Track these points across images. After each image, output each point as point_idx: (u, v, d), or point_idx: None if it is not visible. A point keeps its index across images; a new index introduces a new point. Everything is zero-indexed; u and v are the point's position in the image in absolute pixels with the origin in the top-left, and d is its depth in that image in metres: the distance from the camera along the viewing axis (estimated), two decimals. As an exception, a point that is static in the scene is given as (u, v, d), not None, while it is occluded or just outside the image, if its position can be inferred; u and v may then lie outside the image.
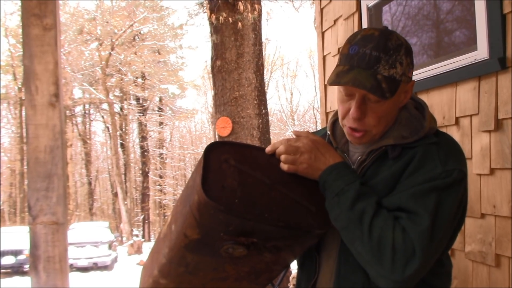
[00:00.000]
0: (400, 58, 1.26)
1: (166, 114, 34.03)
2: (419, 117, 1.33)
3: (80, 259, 15.52)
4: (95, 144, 38.86)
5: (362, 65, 1.24)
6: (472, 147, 2.19)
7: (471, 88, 2.19)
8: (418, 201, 1.17)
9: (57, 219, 1.80)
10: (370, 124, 1.29)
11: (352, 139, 1.34)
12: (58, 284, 1.81)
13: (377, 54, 1.24)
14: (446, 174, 1.21)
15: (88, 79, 28.86)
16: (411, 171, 1.23)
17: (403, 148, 1.29)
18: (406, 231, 1.14)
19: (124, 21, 25.75)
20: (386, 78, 1.23)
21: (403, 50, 1.27)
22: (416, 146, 1.28)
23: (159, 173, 35.50)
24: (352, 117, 1.28)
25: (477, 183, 2.16)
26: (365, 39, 1.27)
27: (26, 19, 1.88)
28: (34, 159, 1.82)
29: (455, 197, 1.22)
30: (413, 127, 1.31)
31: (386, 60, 1.24)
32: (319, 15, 3.98)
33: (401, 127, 1.32)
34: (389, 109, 1.29)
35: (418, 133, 1.30)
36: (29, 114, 1.85)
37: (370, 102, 1.27)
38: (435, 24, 2.71)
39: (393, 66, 1.24)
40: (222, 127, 7.13)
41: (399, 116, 1.35)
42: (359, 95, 1.26)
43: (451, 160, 1.24)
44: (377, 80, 1.22)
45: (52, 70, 1.87)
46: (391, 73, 1.24)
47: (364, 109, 1.27)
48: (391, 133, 1.32)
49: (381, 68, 1.23)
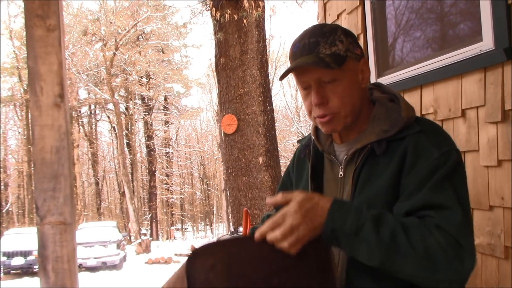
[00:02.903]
0: (339, 37, 1.30)
1: (171, 113, 34.11)
2: (396, 109, 1.33)
3: (89, 259, 15.60)
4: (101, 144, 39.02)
5: (304, 52, 1.28)
6: (479, 139, 2.18)
7: (477, 80, 2.18)
8: (439, 195, 1.16)
9: (65, 219, 1.80)
10: (335, 106, 1.29)
11: (325, 127, 1.33)
12: (67, 284, 1.82)
13: (314, 39, 1.28)
14: (445, 158, 1.20)
15: (93, 80, 28.97)
16: (410, 166, 1.22)
17: (389, 142, 1.28)
18: (443, 229, 1.11)
19: (127, 21, 25.79)
20: (328, 55, 1.26)
21: (339, 31, 1.31)
22: (401, 138, 1.27)
23: (166, 172, 35.60)
24: (315, 104, 1.30)
25: (484, 175, 2.15)
26: (302, 35, 1.33)
27: (29, 20, 1.88)
28: (41, 160, 1.82)
29: (463, 178, 1.24)
30: (393, 120, 1.31)
31: (325, 41, 1.28)
32: (322, 10, 3.97)
33: (380, 122, 1.32)
34: (349, 88, 1.30)
35: (398, 124, 1.29)
36: (35, 115, 1.85)
37: (326, 84, 1.28)
38: (439, 16, 2.70)
39: (333, 45, 1.28)
40: (227, 124, 7.13)
41: (376, 112, 1.35)
42: (313, 82, 1.29)
43: (443, 142, 1.25)
44: (319, 57, 1.26)
45: (57, 71, 1.87)
46: (333, 51, 1.27)
47: (323, 93, 1.29)
48: (371, 130, 1.32)
49: (322, 49, 1.27)
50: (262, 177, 6.94)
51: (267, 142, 7.08)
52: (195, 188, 42.24)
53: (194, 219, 43.30)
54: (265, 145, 7.06)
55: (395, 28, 3.09)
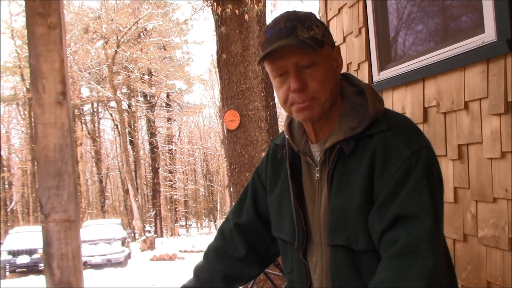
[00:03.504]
0: (315, 22, 1.27)
1: (174, 109, 34.13)
2: (363, 104, 1.29)
3: (94, 257, 15.66)
4: (104, 142, 39.09)
5: (282, 36, 1.24)
6: (482, 131, 2.17)
7: (480, 72, 2.17)
8: (412, 205, 1.14)
9: (69, 217, 1.81)
10: (315, 90, 1.24)
11: (303, 114, 1.28)
12: (72, 281, 1.82)
13: (291, 23, 1.24)
14: (416, 157, 1.17)
15: (95, 78, 28.99)
16: (381, 168, 1.19)
17: (358, 139, 1.25)
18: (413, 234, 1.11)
19: (128, 18, 25.78)
20: (308, 38, 1.23)
21: (314, 17, 1.29)
22: (370, 135, 1.24)
23: (169, 169, 35.66)
24: (294, 90, 1.24)
25: (488, 167, 2.15)
26: (275, 20, 1.28)
27: (30, 18, 1.88)
28: (44, 158, 1.83)
29: (437, 176, 1.21)
30: (360, 116, 1.27)
31: (302, 25, 1.24)
32: (324, 4, 3.96)
33: (348, 118, 1.28)
34: (326, 73, 1.26)
35: (366, 120, 1.25)
36: (37, 113, 1.85)
37: (304, 69, 1.24)
38: (441, 9, 2.68)
39: (310, 29, 1.25)
40: (230, 120, 7.13)
41: (343, 109, 1.30)
42: (292, 66, 1.24)
43: (413, 139, 1.21)
44: (300, 40, 1.22)
45: (59, 69, 1.88)
46: (311, 34, 1.24)
47: (302, 78, 1.24)
48: (339, 127, 1.28)
49: (300, 32, 1.23)
50: (265, 173, 6.95)
51: (269, 138, 7.08)
52: (199, 184, 42.29)
53: (198, 215, 43.38)
54: (268, 140, 7.06)
55: (397, 21, 3.08)
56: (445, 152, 2.42)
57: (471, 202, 2.25)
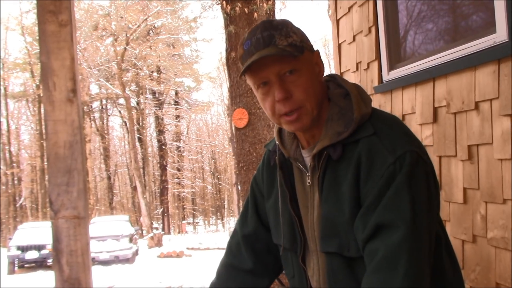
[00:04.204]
0: (291, 29, 1.24)
1: (182, 107, 34.19)
2: (349, 107, 1.26)
3: (101, 253, 15.74)
4: (113, 139, 39.28)
5: (260, 47, 1.21)
6: (492, 132, 2.16)
7: (491, 72, 2.15)
8: (391, 213, 1.12)
9: (78, 213, 1.82)
10: (300, 99, 1.22)
11: (294, 125, 1.26)
12: (81, 277, 1.83)
13: (268, 33, 1.22)
14: (400, 163, 1.14)
15: (104, 75, 29.11)
16: (366, 174, 1.17)
17: (345, 145, 1.23)
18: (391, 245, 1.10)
19: (138, 16, 25.86)
20: (287, 45, 1.21)
21: (290, 24, 1.27)
22: (356, 140, 1.21)
23: (177, 166, 35.75)
24: (279, 99, 1.22)
25: (498, 168, 2.13)
26: (251, 32, 1.26)
27: (41, 16, 1.89)
28: (54, 155, 1.83)
29: (421, 181, 1.17)
30: (347, 120, 1.24)
31: (279, 34, 1.22)
32: (334, 3, 3.94)
33: (334, 123, 1.26)
34: (309, 80, 1.24)
35: (352, 125, 1.22)
36: (48, 110, 1.86)
37: (287, 78, 1.22)
38: (451, 8, 2.67)
39: (288, 36, 1.22)
40: (238, 118, 7.13)
41: (330, 113, 1.28)
42: (274, 76, 1.22)
43: (398, 144, 1.18)
44: (279, 48, 1.20)
45: (69, 66, 1.88)
46: (289, 42, 1.21)
47: (286, 87, 1.22)
48: (325, 133, 1.25)
49: (278, 41, 1.21)
50: (273, 171, 6.95)
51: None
52: (206, 182, 42.38)
53: (206, 213, 43.48)
54: (276, 139, 7.06)
55: (407, 20, 3.06)
56: (455, 152, 2.40)
57: (481, 203, 2.24)
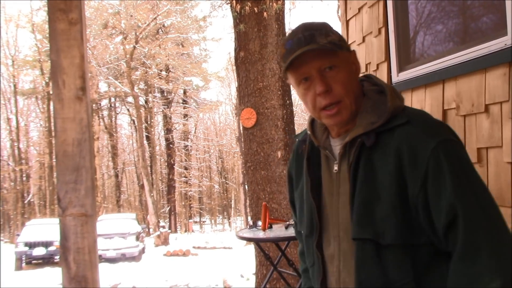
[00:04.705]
0: (330, 30, 1.33)
1: (190, 106, 34.24)
2: (383, 101, 1.33)
3: (108, 250, 15.78)
4: (121, 137, 39.40)
5: (302, 44, 1.29)
6: (502, 135, 2.14)
7: (501, 74, 2.14)
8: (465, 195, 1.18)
9: (86, 211, 1.82)
10: (340, 93, 1.30)
11: (334, 119, 1.33)
12: (88, 275, 1.84)
13: (309, 33, 1.30)
14: (442, 146, 1.21)
15: (113, 73, 29.21)
16: (409, 162, 1.22)
17: (378, 134, 1.28)
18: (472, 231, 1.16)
19: (147, 14, 25.91)
20: (327, 43, 1.29)
21: (329, 26, 1.35)
22: (390, 129, 1.27)
23: (184, 165, 35.80)
24: (319, 93, 1.30)
25: (507, 172, 2.12)
26: (292, 33, 1.34)
27: (52, 14, 1.90)
28: (63, 152, 1.84)
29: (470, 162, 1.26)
30: (380, 111, 1.31)
31: (319, 33, 1.30)
32: (343, 3, 3.93)
33: (368, 114, 1.32)
34: (347, 76, 1.32)
35: (385, 114, 1.29)
36: (57, 108, 1.87)
37: (327, 73, 1.30)
38: (462, 9, 2.65)
39: (328, 35, 1.31)
40: (246, 118, 7.13)
41: (364, 106, 1.35)
42: (315, 71, 1.30)
43: (434, 130, 1.25)
44: (321, 45, 1.28)
45: (79, 64, 1.89)
46: (329, 40, 1.30)
47: (326, 81, 1.29)
48: (359, 123, 1.32)
49: (318, 39, 1.29)
50: (281, 171, 6.93)
51: (285, 136, 7.06)
52: (213, 181, 42.43)
53: (212, 212, 43.53)
54: (284, 139, 7.04)
55: (417, 21, 3.05)
56: (464, 155, 2.38)
57: (490, 207, 2.22)
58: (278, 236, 4.07)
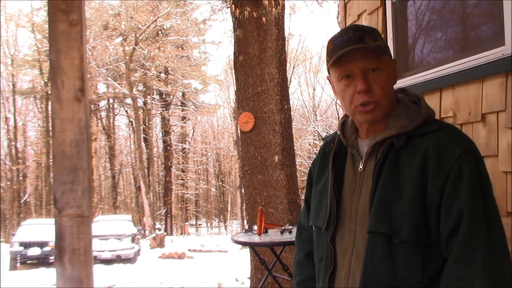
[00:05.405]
0: (378, 35, 1.40)
1: (188, 109, 34.21)
2: (417, 109, 1.40)
3: (104, 252, 15.74)
4: (119, 138, 39.33)
5: (351, 43, 1.35)
6: (498, 144, 2.15)
7: (498, 84, 2.15)
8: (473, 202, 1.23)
9: (82, 212, 1.82)
10: (378, 95, 1.35)
11: (366, 115, 1.38)
12: (83, 276, 1.84)
13: (359, 33, 1.37)
14: (467, 155, 1.26)
15: (113, 74, 29.19)
16: (435, 163, 1.27)
17: (409, 137, 1.34)
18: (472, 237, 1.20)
19: (148, 16, 25.92)
20: (375, 46, 1.36)
21: (377, 31, 1.42)
22: (421, 134, 1.33)
23: (182, 168, 35.76)
24: (360, 90, 1.35)
25: (503, 181, 2.13)
26: (342, 32, 1.40)
27: (52, 15, 1.90)
28: (60, 153, 1.84)
29: (486, 174, 1.32)
30: (413, 118, 1.37)
31: (368, 35, 1.37)
32: (343, 10, 3.94)
33: (401, 118, 1.39)
34: (388, 79, 1.39)
35: (418, 120, 1.35)
36: (55, 109, 1.87)
37: (370, 74, 1.35)
38: (461, 18, 2.67)
39: (376, 39, 1.37)
40: (244, 122, 7.13)
41: (398, 110, 1.41)
42: (359, 69, 1.35)
43: (463, 140, 1.31)
44: (370, 46, 1.35)
45: (78, 65, 1.89)
46: (377, 43, 1.36)
47: (368, 81, 1.35)
48: (392, 125, 1.38)
49: (368, 40, 1.36)
50: (278, 176, 6.94)
51: (283, 141, 7.07)
52: (210, 184, 42.37)
53: (209, 215, 43.44)
54: (282, 143, 7.05)
55: (416, 29, 3.06)
56: (460, 163, 2.39)
57: (485, 215, 2.23)
58: (274, 240, 4.07)
